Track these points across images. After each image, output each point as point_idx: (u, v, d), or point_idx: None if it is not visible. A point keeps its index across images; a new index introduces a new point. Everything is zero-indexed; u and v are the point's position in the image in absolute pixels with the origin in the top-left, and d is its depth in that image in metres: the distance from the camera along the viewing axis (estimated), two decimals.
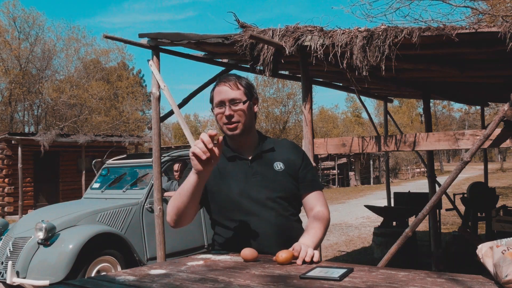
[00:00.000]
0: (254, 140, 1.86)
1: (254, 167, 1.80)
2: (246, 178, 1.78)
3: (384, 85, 5.98)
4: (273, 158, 1.83)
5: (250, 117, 1.79)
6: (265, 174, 1.79)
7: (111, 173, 6.46)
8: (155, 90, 4.65)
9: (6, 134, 15.52)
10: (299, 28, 3.68)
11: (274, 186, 1.77)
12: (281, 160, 1.83)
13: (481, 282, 1.21)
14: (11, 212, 15.40)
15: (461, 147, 3.65)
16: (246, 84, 1.81)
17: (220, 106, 1.76)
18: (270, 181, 1.78)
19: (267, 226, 1.74)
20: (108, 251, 5.01)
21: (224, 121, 1.75)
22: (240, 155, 1.83)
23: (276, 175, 1.79)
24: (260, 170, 1.80)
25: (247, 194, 1.75)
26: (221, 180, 1.80)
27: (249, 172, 1.79)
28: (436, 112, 41.57)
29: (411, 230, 3.40)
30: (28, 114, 28.46)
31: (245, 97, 1.77)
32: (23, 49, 25.28)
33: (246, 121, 1.77)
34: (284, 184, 1.79)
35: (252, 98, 1.82)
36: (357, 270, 1.39)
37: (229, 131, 1.77)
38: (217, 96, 1.78)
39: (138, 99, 31.43)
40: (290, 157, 1.85)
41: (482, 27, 3.17)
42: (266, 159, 1.83)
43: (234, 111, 1.74)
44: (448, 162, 62.77)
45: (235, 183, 1.78)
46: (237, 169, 1.80)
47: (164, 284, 1.31)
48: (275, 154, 1.84)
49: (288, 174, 1.81)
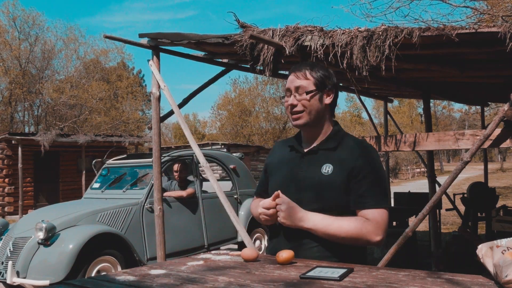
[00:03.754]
0: (322, 134, 1.72)
1: (304, 163, 1.70)
2: (292, 171, 1.71)
3: (384, 85, 5.98)
4: (327, 158, 1.66)
5: (316, 109, 1.68)
6: (309, 174, 1.66)
7: (111, 173, 6.46)
8: (155, 90, 4.65)
9: (6, 134, 15.52)
10: (299, 28, 3.68)
11: (310, 190, 1.64)
12: (335, 162, 1.64)
13: (481, 282, 1.21)
14: (11, 212, 15.39)
15: (461, 147, 3.65)
16: (320, 75, 1.70)
17: (287, 94, 1.72)
18: (309, 183, 1.65)
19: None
20: (108, 251, 5.01)
21: (289, 109, 1.71)
22: (298, 146, 1.76)
23: (319, 179, 1.63)
24: (307, 168, 1.68)
25: (286, 188, 1.68)
26: (277, 166, 1.79)
27: (297, 166, 1.71)
28: (436, 112, 41.55)
29: (411, 230, 3.40)
30: (28, 114, 28.44)
31: (313, 87, 1.68)
32: (23, 49, 25.26)
33: (311, 112, 1.67)
34: (323, 192, 1.62)
35: (323, 89, 1.70)
36: (357, 270, 1.39)
37: (292, 121, 1.72)
38: (287, 84, 1.73)
39: (138, 99, 31.43)
40: (347, 162, 1.63)
41: (482, 27, 3.17)
42: (320, 157, 1.68)
43: (298, 100, 1.68)
44: (448, 162, 62.73)
45: (282, 173, 1.75)
46: (290, 160, 1.75)
47: (164, 284, 1.31)
48: (332, 154, 1.66)
49: (334, 181, 1.61)
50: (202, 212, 6.25)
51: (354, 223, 1.59)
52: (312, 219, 1.60)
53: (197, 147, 4.43)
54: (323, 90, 1.70)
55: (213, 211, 6.32)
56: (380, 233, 1.59)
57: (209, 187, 6.32)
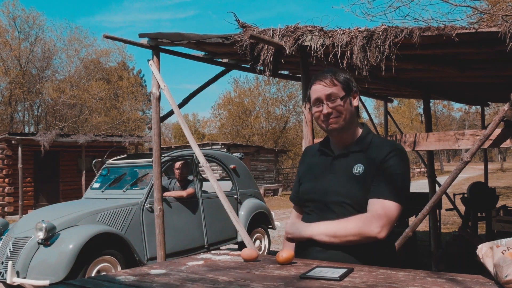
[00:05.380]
0: (353, 137, 1.74)
1: (335, 165, 1.72)
2: (323, 175, 1.73)
3: (384, 85, 5.98)
4: (358, 159, 1.68)
5: (350, 112, 1.71)
6: (341, 175, 1.68)
7: (111, 173, 6.46)
8: (155, 90, 4.64)
9: (6, 134, 15.52)
10: (299, 28, 3.68)
11: (343, 190, 1.66)
12: (366, 162, 1.66)
13: (481, 282, 1.21)
14: (11, 212, 15.39)
15: (461, 147, 3.65)
16: (344, 79, 1.72)
17: (317, 104, 1.72)
18: (342, 183, 1.67)
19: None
20: (108, 251, 5.01)
21: (322, 118, 1.71)
22: (328, 150, 1.77)
23: (351, 179, 1.66)
24: (338, 170, 1.70)
25: (317, 191, 1.72)
26: (308, 171, 1.82)
27: (328, 170, 1.73)
28: (436, 112, 41.55)
29: (411, 230, 3.40)
30: (28, 114, 28.46)
31: (343, 92, 1.69)
32: (23, 49, 25.28)
33: (346, 116, 1.69)
34: (355, 190, 1.64)
35: (351, 92, 1.72)
36: (357, 270, 1.39)
37: (327, 127, 1.71)
38: (314, 94, 1.73)
39: (138, 99, 31.44)
40: (376, 160, 1.65)
41: (482, 27, 3.16)
42: (352, 159, 1.70)
43: (332, 108, 1.69)
44: (448, 162, 62.73)
45: (312, 177, 1.77)
46: (320, 164, 1.77)
47: (164, 284, 1.31)
48: (362, 155, 1.69)
49: (364, 180, 1.63)
50: (202, 212, 6.24)
51: (353, 218, 1.59)
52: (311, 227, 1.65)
53: (197, 147, 4.43)
54: (350, 93, 1.72)
55: (213, 211, 6.32)
56: (378, 225, 1.55)
57: (209, 187, 6.31)
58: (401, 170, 1.63)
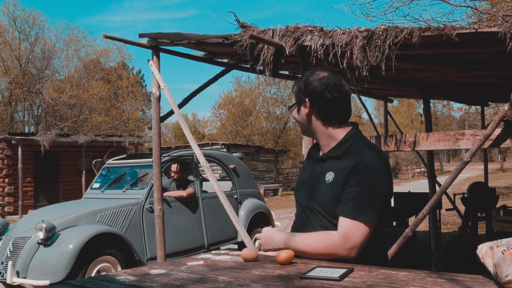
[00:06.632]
0: (329, 141, 1.68)
1: (316, 169, 1.71)
2: (305, 178, 1.76)
3: (384, 85, 5.97)
4: (331, 167, 1.63)
5: (301, 121, 1.73)
6: (316, 180, 1.66)
7: (111, 173, 6.46)
8: (155, 90, 4.65)
9: (6, 134, 15.52)
10: (299, 28, 3.68)
11: (317, 196, 1.64)
12: (337, 170, 1.59)
13: (481, 282, 1.21)
14: (11, 212, 15.39)
15: (461, 147, 3.65)
16: (296, 88, 1.74)
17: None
18: (316, 189, 1.65)
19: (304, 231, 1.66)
20: (108, 251, 5.01)
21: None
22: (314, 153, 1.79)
23: (322, 186, 1.62)
24: (316, 175, 1.68)
25: (299, 194, 1.77)
26: (301, 171, 1.88)
27: (310, 173, 1.75)
28: (436, 112, 41.55)
29: (411, 230, 3.40)
30: (28, 114, 28.45)
31: (294, 101, 1.75)
32: (23, 49, 25.27)
33: (301, 124, 1.75)
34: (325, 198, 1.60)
35: (300, 101, 1.70)
36: (357, 270, 1.39)
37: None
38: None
39: (138, 99, 31.43)
40: (346, 169, 1.56)
41: (482, 27, 3.17)
42: (327, 165, 1.65)
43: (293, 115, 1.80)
44: (448, 162, 62.73)
45: (300, 178, 1.83)
46: (308, 166, 1.81)
47: (164, 284, 1.31)
48: (336, 163, 1.62)
49: (333, 189, 1.58)
50: (202, 212, 6.24)
51: (322, 239, 1.55)
52: (283, 240, 1.64)
53: (197, 147, 4.43)
54: (300, 102, 1.71)
55: (213, 211, 6.32)
56: (348, 247, 1.50)
57: (209, 187, 6.31)
58: (366, 185, 1.52)
